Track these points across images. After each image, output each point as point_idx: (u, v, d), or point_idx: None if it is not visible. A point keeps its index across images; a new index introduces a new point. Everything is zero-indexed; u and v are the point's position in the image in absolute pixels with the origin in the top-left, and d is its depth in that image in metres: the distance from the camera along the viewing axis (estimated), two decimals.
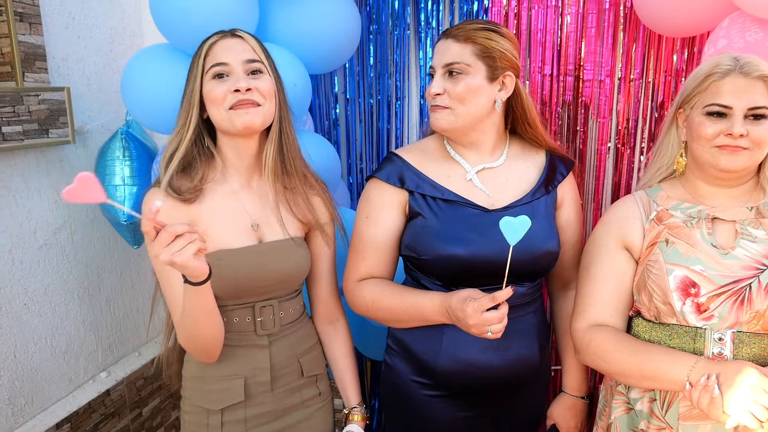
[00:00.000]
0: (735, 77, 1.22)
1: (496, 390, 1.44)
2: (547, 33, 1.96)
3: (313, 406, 1.51)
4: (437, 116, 1.38)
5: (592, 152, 2.03)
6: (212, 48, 1.32)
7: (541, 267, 1.43)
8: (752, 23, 1.45)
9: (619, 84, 1.96)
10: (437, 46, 1.39)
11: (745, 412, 1.07)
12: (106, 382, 2.10)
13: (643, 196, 1.39)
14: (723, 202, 1.30)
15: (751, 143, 1.22)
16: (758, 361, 1.22)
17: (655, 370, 1.22)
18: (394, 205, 1.43)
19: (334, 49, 1.76)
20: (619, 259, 1.35)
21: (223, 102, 1.29)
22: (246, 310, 1.39)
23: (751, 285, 1.22)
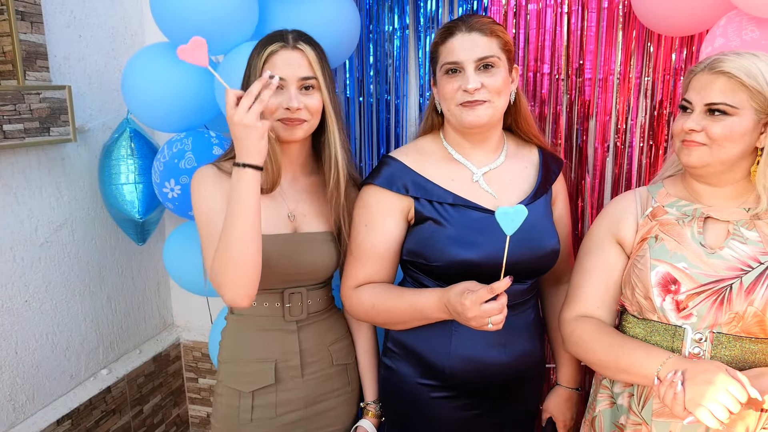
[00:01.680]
0: (703, 74, 1.22)
1: (501, 386, 1.45)
2: (546, 32, 1.96)
3: (343, 395, 1.55)
4: (477, 113, 1.33)
5: (592, 150, 2.03)
6: (272, 57, 1.35)
7: (545, 265, 1.44)
8: (749, 22, 1.45)
9: (618, 83, 1.96)
10: (457, 40, 1.33)
11: (704, 410, 1.06)
12: (107, 379, 2.11)
13: (643, 192, 1.40)
14: (717, 201, 1.29)
15: (708, 139, 1.21)
16: (738, 364, 1.21)
17: (629, 364, 1.22)
18: (395, 212, 1.40)
19: (333, 48, 1.76)
20: (610, 253, 1.36)
21: (273, 113, 1.35)
22: (275, 296, 1.44)
23: (733, 286, 1.21)
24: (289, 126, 1.36)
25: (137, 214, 1.79)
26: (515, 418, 1.53)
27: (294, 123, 1.36)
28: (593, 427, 1.43)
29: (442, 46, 1.36)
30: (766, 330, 1.21)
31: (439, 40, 1.37)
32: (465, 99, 1.32)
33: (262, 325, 1.45)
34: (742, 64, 1.18)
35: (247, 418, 1.43)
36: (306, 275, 1.45)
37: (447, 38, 1.35)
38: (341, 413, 1.55)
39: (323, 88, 1.39)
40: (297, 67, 1.35)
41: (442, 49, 1.36)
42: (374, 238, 1.40)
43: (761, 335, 1.21)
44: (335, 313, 1.58)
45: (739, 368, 1.18)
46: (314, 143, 1.49)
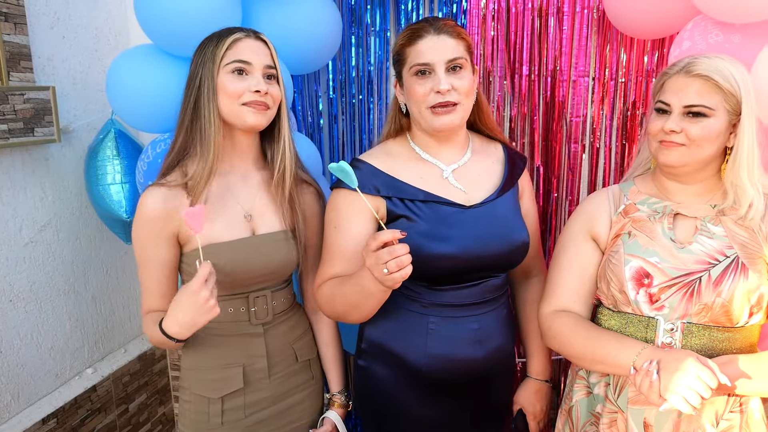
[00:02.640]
0: (679, 76, 1.27)
1: (476, 382, 1.48)
2: (524, 35, 2.01)
3: (308, 389, 1.57)
4: (449, 118, 1.36)
5: (568, 150, 2.08)
6: (236, 44, 1.35)
7: (516, 258, 1.47)
8: (714, 26, 1.50)
9: (593, 84, 2.01)
10: (427, 42, 1.35)
11: (678, 397, 1.11)
12: (93, 378, 2.12)
13: (616, 190, 1.45)
14: (686, 198, 1.35)
15: (687, 140, 1.26)
16: (707, 352, 1.27)
17: (605, 355, 1.27)
18: (364, 213, 1.40)
19: (316, 50, 1.80)
20: (585, 249, 1.41)
21: (239, 98, 1.35)
22: (240, 301, 1.44)
23: (701, 278, 1.26)
24: (257, 110, 1.36)
25: (125, 213, 1.81)
26: (489, 413, 1.56)
27: (261, 106, 1.36)
28: (570, 416, 1.48)
29: (409, 48, 1.37)
30: (732, 319, 1.27)
31: (406, 42, 1.38)
32: (437, 101, 1.35)
33: (227, 331, 1.44)
34: (716, 66, 1.24)
35: (217, 422, 1.44)
36: (268, 277, 1.45)
37: (415, 40, 1.36)
38: (307, 407, 1.56)
39: (281, 80, 1.42)
40: (263, 56, 1.38)
41: (409, 51, 1.37)
42: (343, 240, 1.40)
43: (728, 324, 1.27)
44: (298, 310, 1.59)
45: (709, 356, 1.24)
46: (261, 139, 1.49)
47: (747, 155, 1.27)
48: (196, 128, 1.36)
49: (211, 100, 1.34)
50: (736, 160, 1.27)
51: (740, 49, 1.47)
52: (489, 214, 1.42)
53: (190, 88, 1.38)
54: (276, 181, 1.44)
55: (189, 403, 1.48)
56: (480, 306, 1.44)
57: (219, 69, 1.35)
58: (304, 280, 1.60)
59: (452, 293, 1.42)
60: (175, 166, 1.40)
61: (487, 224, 1.41)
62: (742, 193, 1.28)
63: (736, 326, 1.28)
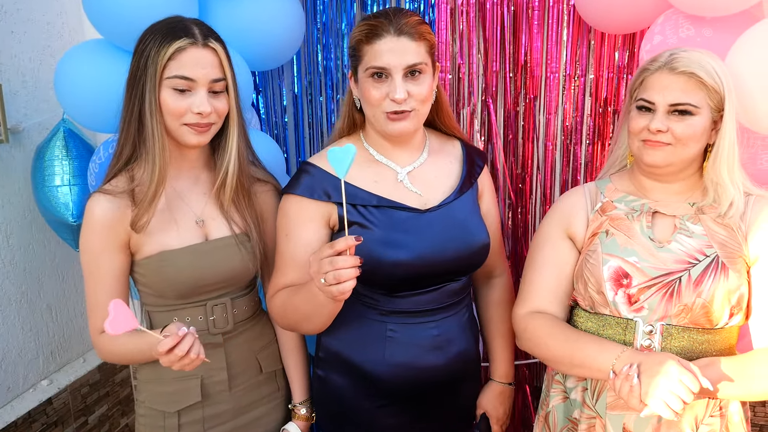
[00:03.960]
0: (662, 73, 1.23)
1: (438, 389, 1.44)
2: (495, 29, 1.97)
3: (273, 402, 1.51)
4: (404, 125, 1.30)
5: (540, 148, 2.05)
6: (180, 55, 1.24)
7: (477, 260, 1.44)
8: (685, 20, 1.48)
9: (564, 81, 1.98)
10: (385, 44, 1.26)
11: (660, 402, 1.08)
12: (48, 390, 2.03)
13: (592, 188, 1.41)
14: (665, 196, 1.32)
15: (674, 139, 1.23)
16: (687, 354, 1.24)
17: (584, 358, 1.23)
18: (315, 220, 1.35)
19: (277, 44, 1.73)
20: (561, 248, 1.37)
21: (180, 117, 1.27)
22: (198, 309, 1.37)
23: (681, 278, 1.24)
24: (198, 132, 1.29)
25: (71, 217, 1.71)
26: (453, 419, 1.52)
27: (203, 128, 1.29)
28: (547, 422, 1.44)
29: (367, 46, 1.29)
30: (712, 321, 1.24)
31: (364, 38, 1.29)
32: (392, 108, 1.28)
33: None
34: (699, 62, 1.21)
35: None
36: (224, 283, 1.39)
37: (373, 39, 1.27)
38: (272, 420, 1.50)
39: (231, 90, 1.32)
40: (210, 68, 1.27)
41: (367, 50, 1.29)
42: (294, 247, 1.35)
43: (708, 326, 1.25)
44: (263, 318, 1.52)
45: (688, 359, 1.20)
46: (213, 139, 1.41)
47: (728, 153, 1.25)
48: (142, 139, 1.29)
49: (154, 115, 1.26)
50: (717, 157, 1.25)
51: (712, 43, 1.45)
52: (446, 218, 1.38)
53: (132, 94, 1.29)
54: (217, 188, 1.38)
55: (144, 417, 1.42)
56: (440, 311, 1.40)
57: (160, 81, 1.25)
58: (265, 284, 1.53)
59: (411, 299, 1.38)
60: (122, 170, 1.33)
61: (445, 228, 1.37)
62: (722, 191, 1.26)
63: (716, 328, 1.26)
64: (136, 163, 1.31)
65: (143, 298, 1.41)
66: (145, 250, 1.32)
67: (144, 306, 1.42)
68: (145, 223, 1.29)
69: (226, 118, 1.34)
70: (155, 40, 1.26)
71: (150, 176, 1.27)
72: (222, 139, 1.37)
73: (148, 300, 1.40)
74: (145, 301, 1.41)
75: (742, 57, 1.37)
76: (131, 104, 1.29)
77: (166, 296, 1.36)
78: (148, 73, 1.25)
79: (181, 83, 1.25)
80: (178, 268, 1.31)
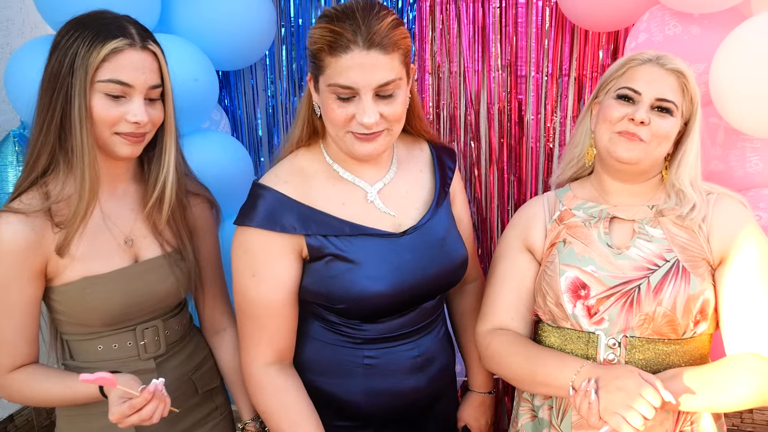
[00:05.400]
0: (652, 66, 1.20)
1: (420, 408, 1.37)
2: (476, 28, 1.91)
3: (212, 421, 1.40)
4: (373, 147, 1.15)
5: (527, 149, 1.99)
6: (116, 57, 1.11)
7: (458, 277, 1.36)
8: (671, 17, 1.44)
9: (547, 80, 1.92)
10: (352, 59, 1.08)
11: (618, 418, 1.04)
12: (9, 407, 1.92)
13: (551, 197, 1.37)
14: (625, 200, 1.27)
15: (651, 135, 1.18)
16: (653, 366, 1.18)
17: (545, 376, 1.18)
18: (287, 254, 1.19)
19: (245, 43, 1.65)
20: (520, 261, 1.32)
21: (112, 126, 1.14)
22: (126, 335, 1.25)
23: (641, 286, 1.18)
24: (131, 143, 1.16)
25: None
26: None
27: (138, 140, 1.17)
28: None
29: (330, 58, 1.09)
30: (677, 330, 1.18)
31: (326, 47, 1.09)
32: (360, 131, 1.13)
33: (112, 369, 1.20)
34: (686, 67, 1.21)
35: None
36: (156, 306, 1.28)
37: (338, 51, 1.08)
38: None
39: (168, 96, 1.20)
40: (149, 73, 1.14)
41: (330, 62, 1.09)
42: (269, 288, 1.19)
43: (673, 336, 1.19)
44: (195, 336, 1.41)
45: (654, 371, 1.15)
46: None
47: (693, 162, 1.23)
48: (65, 149, 1.15)
49: (83, 123, 1.11)
50: (681, 165, 1.23)
51: (699, 41, 1.41)
52: (423, 239, 1.27)
53: (53, 97, 1.13)
54: (151, 206, 1.24)
55: None
56: (417, 331, 1.32)
57: (91, 84, 1.11)
58: (200, 300, 1.42)
59: (388, 324, 1.28)
60: (35, 183, 1.17)
61: (424, 250, 1.26)
62: (683, 196, 1.22)
63: (682, 338, 1.19)
64: (52, 175, 1.17)
65: (60, 327, 1.26)
66: (65, 275, 1.18)
67: (61, 335, 1.27)
68: (73, 247, 1.17)
69: (159, 127, 1.22)
70: (84, 37, 1.11)
71: (79, 192, 1.13)
72: (155, 150, 1.24)
73: (67, 329, 1.25)
74: (62, 330, 1.26)
75: (730, 56, 1.33)
76: (51, 108, 1.13)
77: (90, 324, 1.22)
78: (77, 75, 1.10)
79: (116, 89, 1.12)
80: (105, 295, 1.19)
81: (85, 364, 1.26)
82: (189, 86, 1.30)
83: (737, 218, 1.21)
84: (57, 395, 1.19)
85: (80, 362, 1.27)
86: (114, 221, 1.24)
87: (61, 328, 1.26)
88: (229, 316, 1.44)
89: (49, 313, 1.25)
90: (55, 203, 1.15)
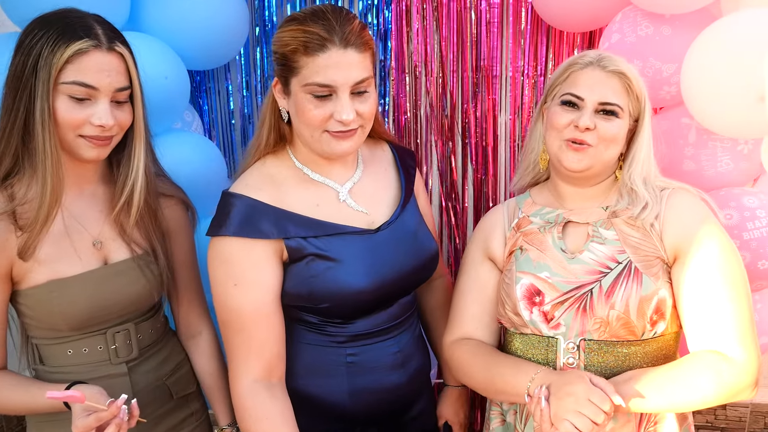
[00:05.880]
0: (593, 69, 1.19)
1: (401, 406, 1.39)
2: (453, 28, 1.90)
3: (187, 428, 1.38)
4: (349, 144, 1.18)
5: (504, 150, 1.99)
6: (80, 58, 1.09)
7: (431, 270, 1.38)
8: (643, 18, 1.44)
9: (523, 80, 1.93)
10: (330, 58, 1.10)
11: (567, 423, 1.04)
12: None
13: (512, 204, 1.37)
14: (580, 203, 1.26)
15: (598, 139, 1.17)
16: (613, 369, 1.17)
17: (503, 384, 1.19)
18: (267, 258, 1.19)
19: (216, 42, 1.62)
20: (481, 271, 1.33)
21: (76, 129, 1.12)
22: (97, 338, 1.23)
23: (593, 291, 1.17)
24: (96, 145, 1.14)
25: None
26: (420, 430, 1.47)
27: (104, 143, 1.15)
28: None
29: (306, 58, 1.11)
30: (634, 332, 1.17)
31: (301, 48, 1.11)
32: (338, 129, 1.15)
33: (84, 375, 1.21)
34: (628, 66, 1.20)
35: None
36: (127, 309, 1.26)
37: (315, 51, 1.11)
38: None
39: (137, 98, 1.18)
40: (115, 75, 1.12)
41: (306, 62, 1.11)
42: (255, 297, 1.18)
43: (631, 337, 1.17)
44: (170, 340, 1.39)
45: (616, 374, 1.15)
46: None
47: (644, 161, 1.22)
48: (29, 151, 1.12)
49: (46, 126, 1.09)
50: (633, 163, 1.22)
51: (671, 41, 1.42)
52: (397, 234, 1.30)
53: (16, 97, 1.10)
54: (119, 209, 1.23)
55: None
56: (396, 327, 1.34)
57: (54, 86, 1.09)
58: (175, 303, 1.40)
59: (368, 321, 1.30)
60: None
61: (398, 245, 1.29)
62: (636, 196, 1.21)
63: (642, 339, 1.17)
64: (17, 177, 1.15)
65: (29, 331, 1.24)
66: (31, 278, 1.17)
67: (30, 339, 1.25)
68: (37, 250, 1.15)
69: (129, 128, 1.20)
70: (48, 37, 1.08)
71: (41, 195, 1.11)
72: (124, 153, 1.22)
73: (36, 333, 1.23)
74: (31, 334, 1.24)
75: (700, 56, 1.34)
76: (15, 109, 1.11)
77: (58, 328, 1.21)
78: (40, 77, 1.07)
79: (81, 91, 1.10)
80: (72, 299, 1.17)
81: (54, 369, 1.23)
82: (159, 84, 1.27)
83: (691, 213, 1.19)
84: (19, 404, 1.17)
85: (50, 367, 1.24)
86: (82, 223, 1.21)
87: (30, 332, 1.24)
88: (205, 319, 1.43)
89: (18, 317, 1.23)
90: (20, 205, 1.13)
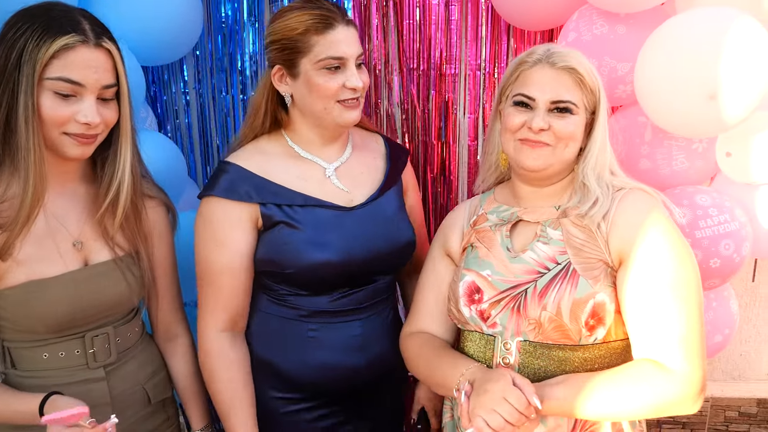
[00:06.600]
0: (542, 68, 1.16)
1: (362, 391, 1.42)
2: (412, 26, 1.89)
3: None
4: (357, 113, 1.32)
5: (462, 149, 1.99)
6: (66, 54, 1.06)
7: (402, 258, 1.43)
8: (598, 16, 1.45)
9: (484, 79, 1.93)
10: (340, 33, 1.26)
11: (480, 420, 1.04)
12: None
13: (475, 201, 1.37)
14: (534, 202, 1.24)
15: (554, 138, 1.15)
16: (548, 374, 1.15)
17: (441, 378, 1.21)
18: (243, 222, 1.30)
19: (169, 37, 1.57)
20: (439, 267, 1.34)
21: (61, 126, 1.09)
22: (74, 342, 1.20)
23: (527, 290, 1.15)
24: (81, 143, 1.12)
25: None
26: (381, 422, 1.49)
27: (89, 141, 1.12)
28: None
29: (317, 36, 1.24)
30: (570, 336, 1.13)
31: (312, 28, 1.24)
32: (349, 96, 1.28)
33: (60, 380, 1.19)
34: (579, 60, 1.17)
35: None
36: (107, 312, 1.23)
37: (326, 29, 1.25)
38: None
39: (124, 96, 1.16)
40: (102, 72, 1.10)
41: (318, 40, 1.25)
42: (228, 254, 1.29)
43: (568, 342, 1.13)
44: (148, 344, 1.37)
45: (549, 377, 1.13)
46: None
47: (598, 155, 1.19)
48: (11, 148, 1.09)
49: (30, 122, 1.06)
50: (587, 158, 1.19)
51: (625, 40, 1.43)
52: (372, 215, 1.37)
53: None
54: (104, 210, 1.20)
55: None
56: (363, 310, 1.39)
57: (39, 81, 1.06)
58: (154, 306, 1.38)
59: (334, 300, 1.35)
60: None
61: (371, 226, 1.36)
62: (587, 192, 1.18)
63: (581, 344, 1.13)
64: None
65: (3, 333, 1.21)
66: (8, 279, 1.13)
67: (3, 342, 1.21)
68: (16, 249, 1.11)
69: (114, 126, 1.17)
70: (33, 30, 1.05)
71: (23, 194, 1.08)
72: (109, 151, 1.20)
73: (11, 336, 1.20)
74: (6, 337, 1.21)
75: (653, 55, 1.35)
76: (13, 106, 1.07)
77: (35, 331, 1.18)
78: (23, 71, 1.04)
79: (66, 87, 1.07)
80: (51, 301, 1.14)
81: (28, 373, 1.20)
82: None
83: (640, 216, 1.12)
84: None
85: (22, 371, 1.20)
86: (62, 222, 1.18)
87: (3, 334, 1.19)
88: (182, 323, 1.42)
89: None
90: (0, 203, 1.09)
